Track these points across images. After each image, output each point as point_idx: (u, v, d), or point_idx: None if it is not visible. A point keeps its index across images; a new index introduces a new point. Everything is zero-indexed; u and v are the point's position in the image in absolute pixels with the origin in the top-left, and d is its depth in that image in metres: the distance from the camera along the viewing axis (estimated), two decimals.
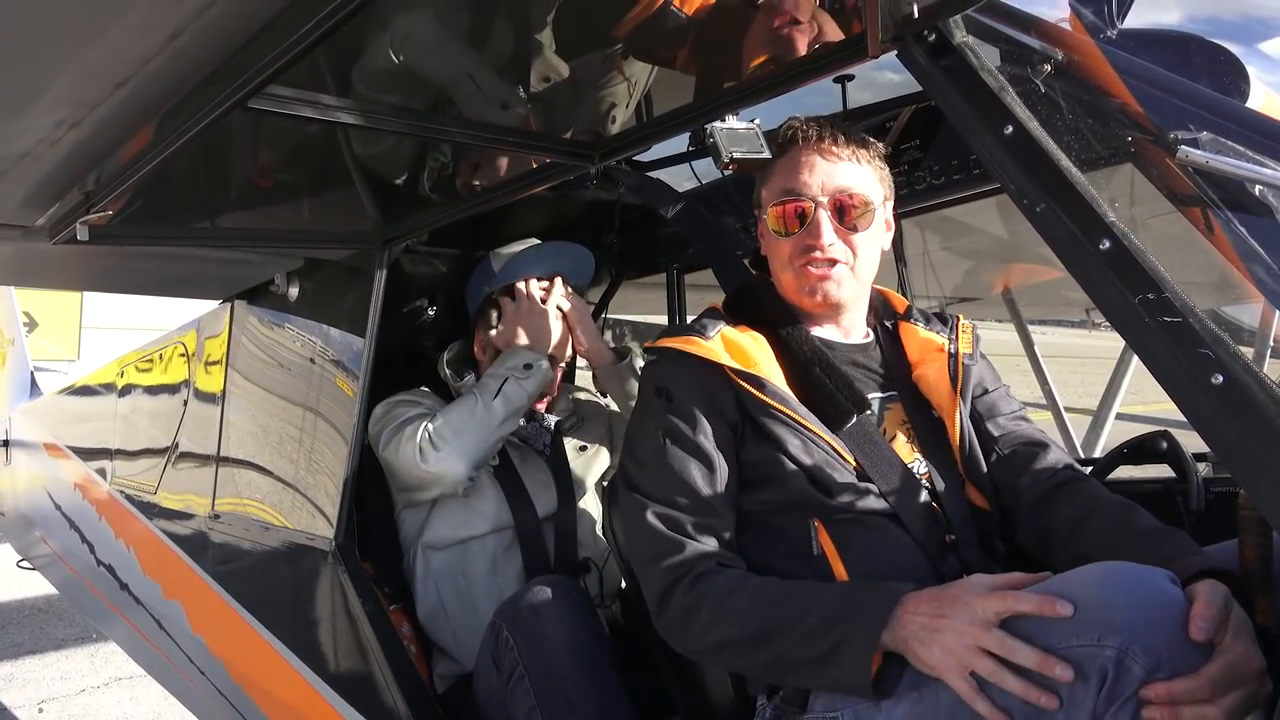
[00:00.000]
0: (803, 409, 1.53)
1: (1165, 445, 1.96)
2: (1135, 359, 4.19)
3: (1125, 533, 1.48)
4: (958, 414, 1.60)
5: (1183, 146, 1.22)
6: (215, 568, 2.75)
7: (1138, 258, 1.00)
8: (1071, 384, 5.25)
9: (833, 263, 1.59)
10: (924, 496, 1.54)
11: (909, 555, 1.49)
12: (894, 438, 1.60)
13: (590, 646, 1.74)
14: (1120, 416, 4.44)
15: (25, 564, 5.11)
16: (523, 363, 2.13)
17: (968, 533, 1.55)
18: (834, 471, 1.50)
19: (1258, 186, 1.29)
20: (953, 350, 1.66)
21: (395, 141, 1.91)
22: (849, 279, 1.61)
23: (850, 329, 1.70)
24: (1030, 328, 4.42)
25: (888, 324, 1.74)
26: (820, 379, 1.57)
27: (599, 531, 2.33)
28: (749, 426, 1.55)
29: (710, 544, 1.48)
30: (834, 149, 1.60)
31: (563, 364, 2.36)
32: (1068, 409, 4.38)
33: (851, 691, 1.30)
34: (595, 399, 2.56)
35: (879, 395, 1.64)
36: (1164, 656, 1.04)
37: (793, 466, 1.50)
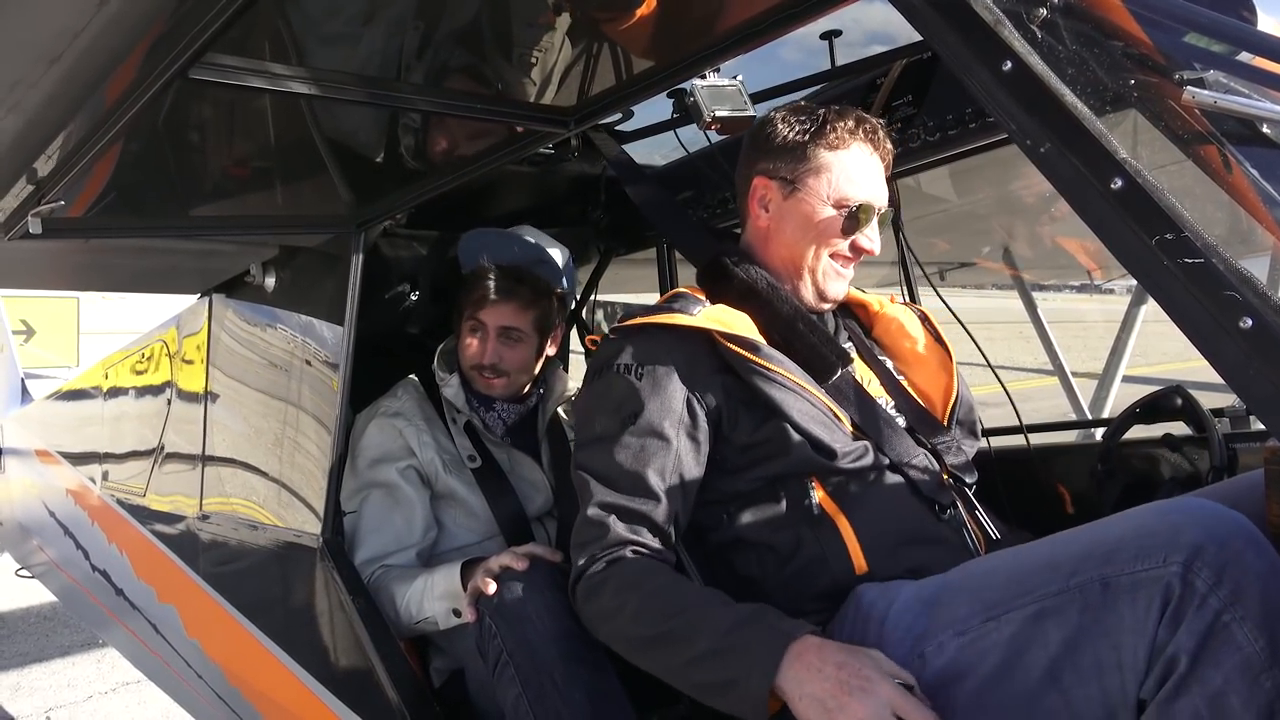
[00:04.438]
0: (798, 369, 1.54)
1: (1181, 402, 1.89)
2: (1140, 320, 4.13)
3: None
4: (954, 372, 1.72)
5: (1189, 87, 1.14)
6: (207, 569, 2.70)
7: (1153, 195, 0.92)
8: (1074, 348, 5.18)
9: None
10: (912, 443, 1.60)
11: (907, 500, 1.54)
12: (868, 383, 1.68)
13: (576, 630, 1.68)
14: (1126, 379, 4.37)
15: (24, 573, 5.08)
16: (451, 607, 1.88)
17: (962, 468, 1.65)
18: (832, 433, 1.51)
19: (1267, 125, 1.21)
20: (918, 313, 1.84)
21: (364, 118, 1.82)
22: None
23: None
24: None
25: None
26: (805, 333, 1.59)
27: None
28: (741, 406, 1.53)
29: (639, 532, 1.49)
30: (889, 157, 1.70)
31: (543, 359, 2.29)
32: (1074, 373, 4.31)
33: None
34: None
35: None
36: (1227, 571, 1.02)
37: (796, 435, 1.50)
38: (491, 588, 1.72)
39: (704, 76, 1.60)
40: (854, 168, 1.65)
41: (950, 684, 1.22)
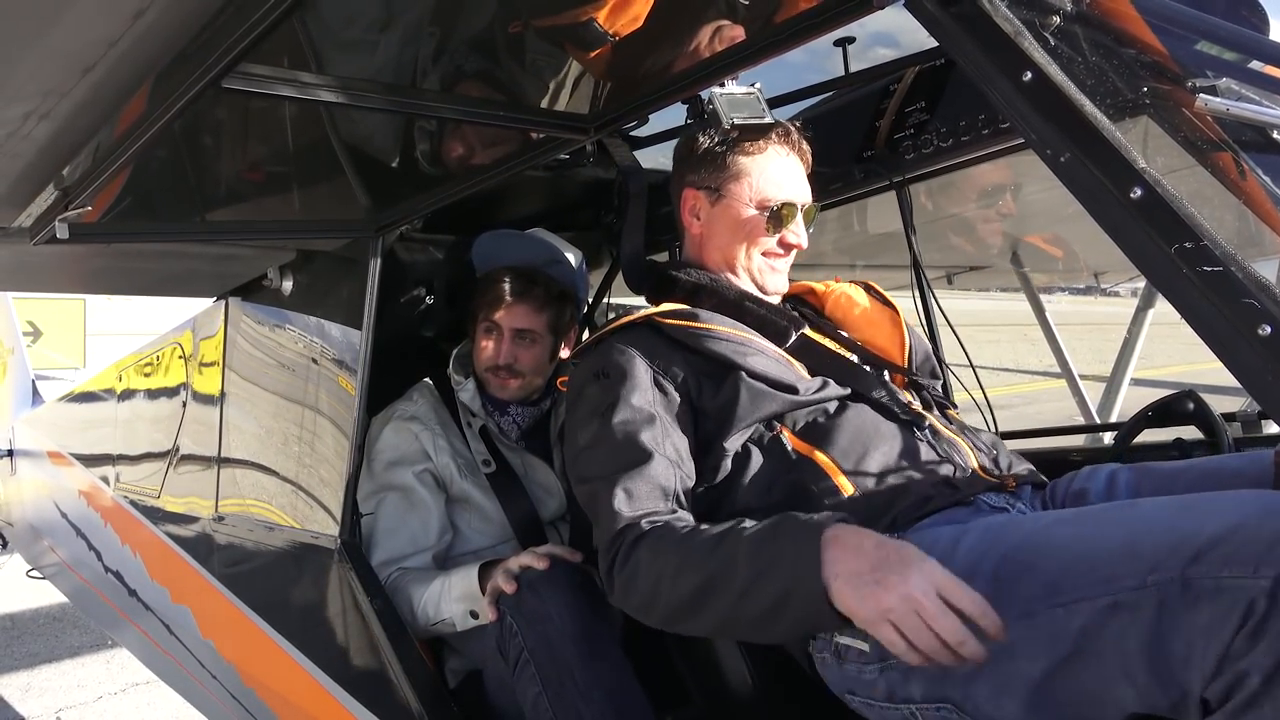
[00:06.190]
0: (745, 328, 1.63)
1: (1192, 406, 1.91)
2: (1147, 323, 4.13)
3: None
4: (903, 325, 1.81)
5: (1202, 95, 1.15)
6: (222, 570, 2.71)
7: (1172, 205, 0.93)
8: (1080, 350, 5.18)
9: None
10: (874, 377, 1.67)
11: (877, 423, 1.57)
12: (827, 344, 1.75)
13: (596, 630, 1.70)
14: (1134, 382, 4.36)
15: (36, 573, 5.10)
16: (469, 609, 1.89)
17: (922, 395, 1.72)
18: (788, 373, 1.58)
19: None
20: (863, 284, 1.91)
21: (383, 124, 1.84)
22: None
23: None
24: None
25: None
26: (753, 309, 1.70)
27: None
28: (704, 377, 1.59)
29: (649, 503, 1.46)
30: (807, 155, 1.80)
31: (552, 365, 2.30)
32: (1081, 376, 4.30)
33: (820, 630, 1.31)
34: None
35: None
36: None
37: (755, 382, 1.55)
38: (512, 587, 1.74)
39: (722, 84, 1.63)
40: (772, 169, 1.76)
41: (1017, 664, 1.17)
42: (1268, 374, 0.87)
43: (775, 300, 1.81)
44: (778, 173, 1.76)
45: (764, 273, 1.79)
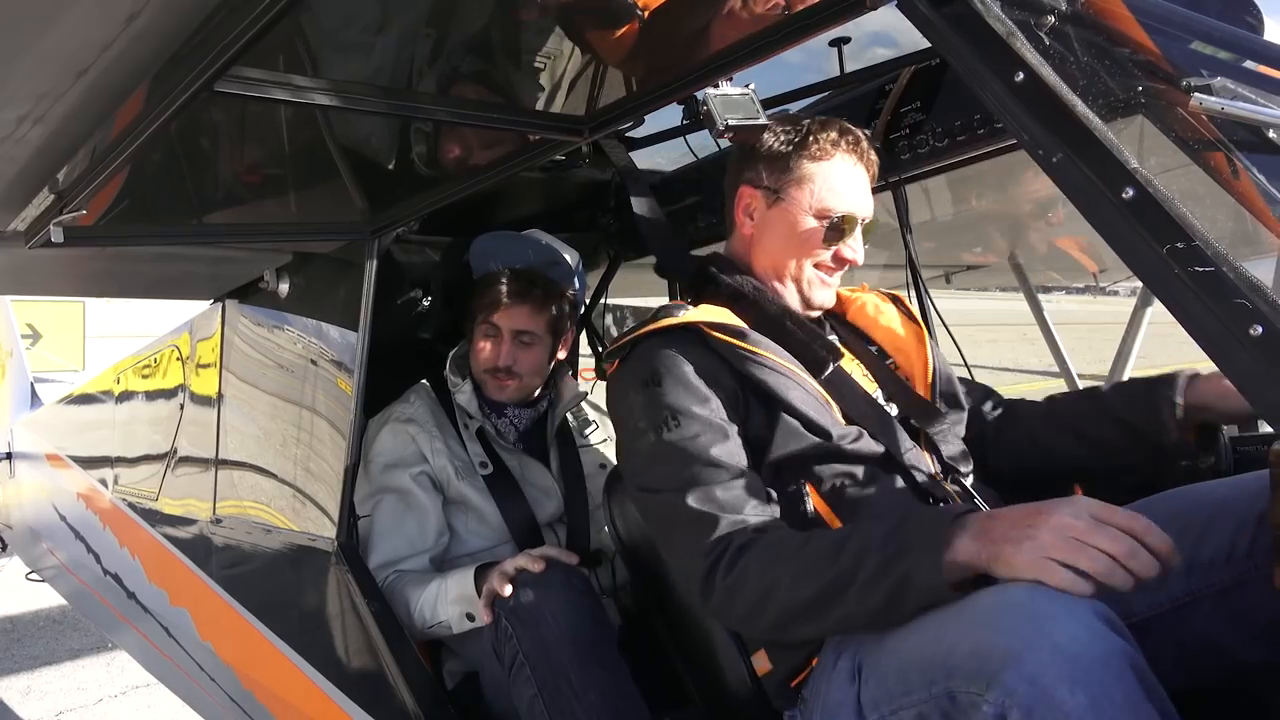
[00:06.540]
0: (787, 354, 1.57)
1: None
2: (1145, 323, 4.13)
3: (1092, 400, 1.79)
4: (928, 346, 1.75)
5: (1196, 94, 1.15)
6: (220, 572, 2.71)
7: (1164, 205, 0.93)
8: (1079, 350, 5.18)
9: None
10: (905, 435, 1.58)
11: (899, 498, 1.51)
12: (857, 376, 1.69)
13: (591, 632, 1.70)
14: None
15: (34, 576, 5.10)
16: (465, 611, 1.89)
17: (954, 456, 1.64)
18: (824, 415, 1.52)
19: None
20: (890, 296, 1.86)
21: (379, 126, 1.85)
22: None
23: None
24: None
25: None
26: (793, 330, 1.62)
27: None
28: (752, 396, 1.53)
29: (743, 510, 1.42)
30: (874, 166, 1.73)
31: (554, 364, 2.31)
32: (1080, 375, 4.30)
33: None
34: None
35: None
36: (1036, 713, 0.98)
37: (791, 419, 1.51)
38: (508, 589, 1.74)
39: (716, 85, 1.62)
40: (837, 179, 1.66)
41: None
42: (1259, 374, 0.87)
43: (816, 315, 1.75)
44: (842, 182, 1.67)
45: (813, 285, 1.70)
